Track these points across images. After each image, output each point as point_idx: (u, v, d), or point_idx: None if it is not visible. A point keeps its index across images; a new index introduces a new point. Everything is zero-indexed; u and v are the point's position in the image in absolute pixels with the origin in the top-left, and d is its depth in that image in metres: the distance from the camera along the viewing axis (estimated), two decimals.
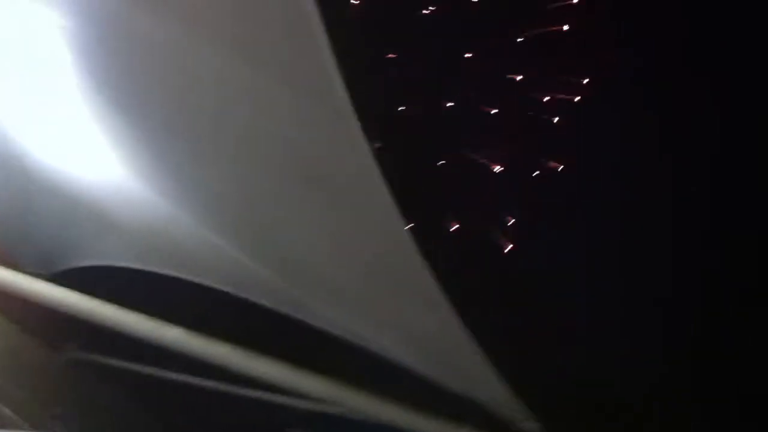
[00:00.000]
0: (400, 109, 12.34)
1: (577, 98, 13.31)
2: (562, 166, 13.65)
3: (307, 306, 5.51)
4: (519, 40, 12.45)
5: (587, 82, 13.25)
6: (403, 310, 4.86)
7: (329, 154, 3.55)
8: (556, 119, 13.24)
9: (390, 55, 12.20)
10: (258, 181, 4.25)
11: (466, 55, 12.52)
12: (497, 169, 13.15)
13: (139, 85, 4.22)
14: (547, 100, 13.09)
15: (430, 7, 12.07)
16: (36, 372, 8.44)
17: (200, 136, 4.11)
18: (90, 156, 5.11)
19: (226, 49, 3.43)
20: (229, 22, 3.30)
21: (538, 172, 13.51)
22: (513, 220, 13.80)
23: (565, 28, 12.54)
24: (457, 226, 13.12)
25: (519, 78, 12.75)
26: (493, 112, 12.83)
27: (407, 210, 3.51)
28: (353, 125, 3.23)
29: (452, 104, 12.73)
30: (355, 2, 11.70)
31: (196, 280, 6.31)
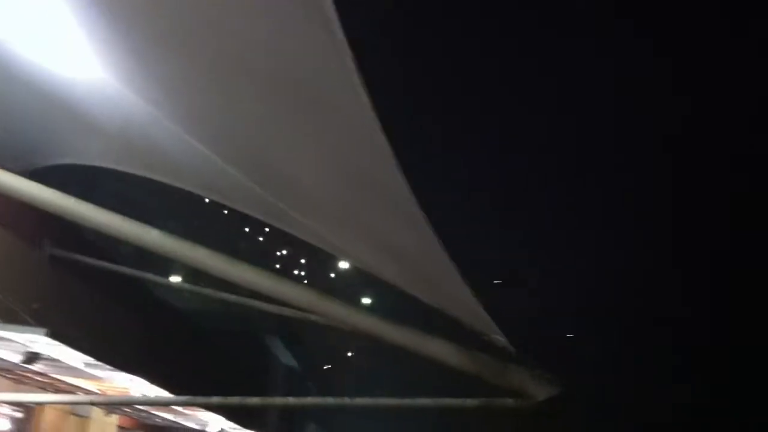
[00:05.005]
0: None
1: None
2: None
3: (286, 215, 5.56)
4: None
5: None
6: (381, 224, 4.91)
7: (311, 65, 3.51)
8: None
9: None
10: (241, 90, 4.21)
11: None
12: None
13: None
14: None
15: None
16: (14, 268, 8.50)
17: (186, 39, 4.04)
18: (70, 54, 5.02)
19: None
20: None
21: None
22: None
23: None
24: None
25: None
26: None
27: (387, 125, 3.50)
28: (341, 45, 3.17)
29: None
30: None
31: (175, 183, 6.32)
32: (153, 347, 12.37)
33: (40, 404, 9.84)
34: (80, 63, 5.03)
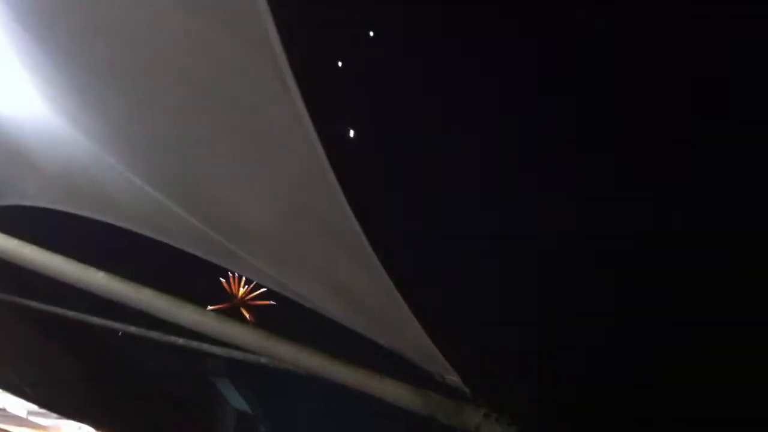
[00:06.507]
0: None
1: None
2: None
3: (234, 254, 5.45)
4: None
5: None
6: (332, 264, 4.85)
7: (257, 101, 3.47)
8: None
9: None
10: (185, 125, 4.14)
11: None
12: None
13: (61, 13, 3.99)
14: None
15: None
16: None
17: (127, 74, 3.96)
18: (8, 91, 4.89)
19: None
20: None
21: None
22: None
23: None
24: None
25: None
26: None
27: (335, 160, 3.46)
28: (287, 75, 3.15)
29: None
30: None
31: (119, 224, 6.15)
32: (100, 393, 12.02)
33: None
34: (21, 100, 4.91)
